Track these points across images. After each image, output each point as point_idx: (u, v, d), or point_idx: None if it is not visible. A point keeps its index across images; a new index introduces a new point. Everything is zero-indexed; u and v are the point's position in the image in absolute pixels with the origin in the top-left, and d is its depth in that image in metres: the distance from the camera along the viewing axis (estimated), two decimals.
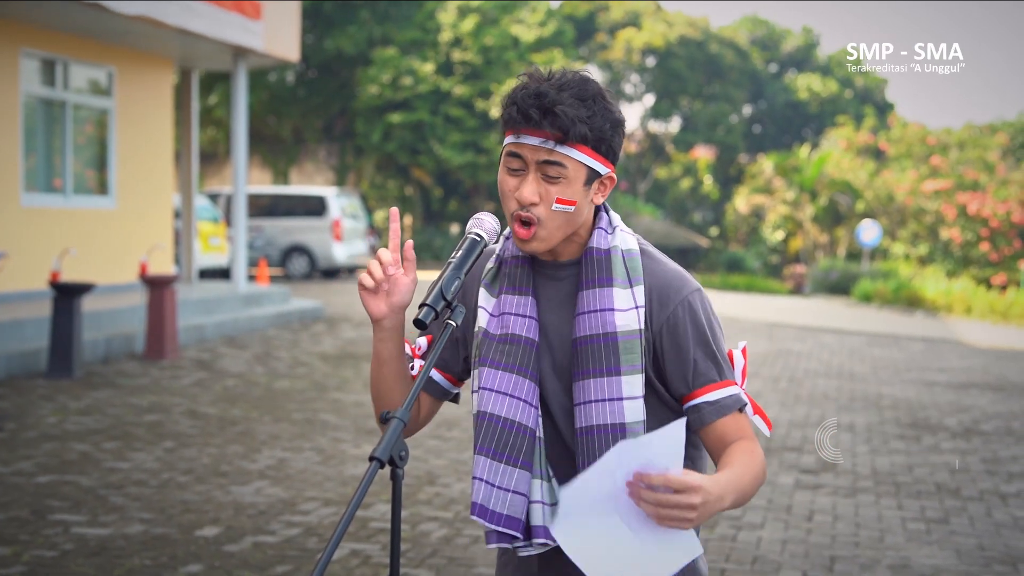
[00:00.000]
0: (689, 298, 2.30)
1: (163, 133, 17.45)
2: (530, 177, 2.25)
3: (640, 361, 2.26)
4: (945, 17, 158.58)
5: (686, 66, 37.85)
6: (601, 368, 2.25)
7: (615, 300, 2.28)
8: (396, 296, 2.26)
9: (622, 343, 2.26)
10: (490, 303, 2.35)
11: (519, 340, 2.30)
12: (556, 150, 2.22)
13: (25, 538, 5.85)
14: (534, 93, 2.21)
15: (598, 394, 2.25)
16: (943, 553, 6.09)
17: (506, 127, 2.26)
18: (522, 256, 2.35)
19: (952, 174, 30.59)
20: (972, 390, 12.24)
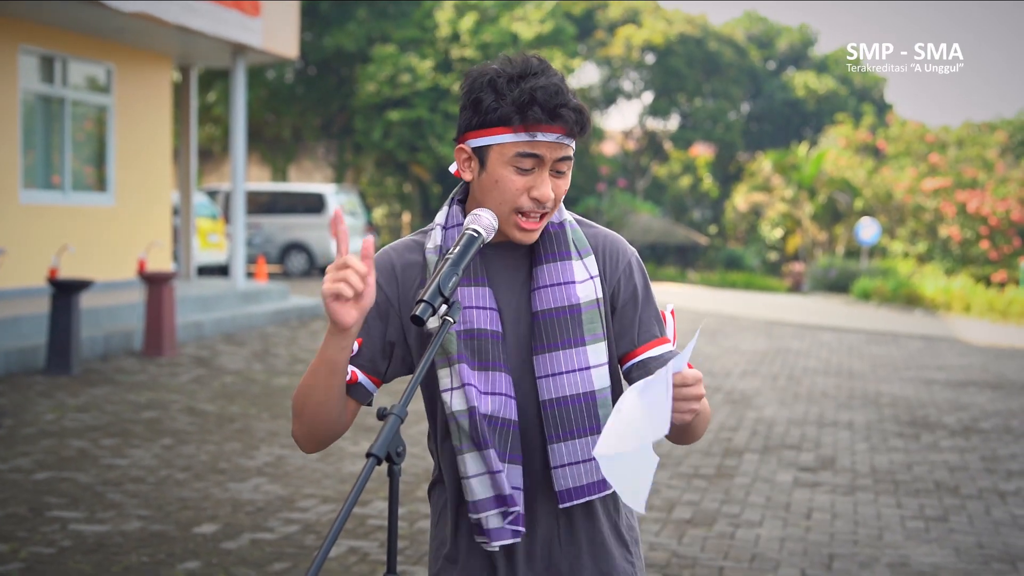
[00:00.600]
0: (632, 260, 2.40)
1: (162, 130, 17.44)
2: (545, 175, 2.25)
3: (602, 329, 2.32)
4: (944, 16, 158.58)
5: (685, 64, 37.83)
6: (568, 339, 2.29)
7: (574, 272, 2.32)
8: (365, 299, 2.14)
9: (585, 314, 2.30)
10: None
11: (486, 334, 2.28)
12: (570, 145, 2.25)
13: (23, 535, 5.84)
14: (555, 91, 2.21)
15: (566, 366, 2.29)
16: (942, 551, 6.09)
17: (515, 124, 2.21)
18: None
19: (951, 172, 30.59)
20: (971, 388, 12.23)
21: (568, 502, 2.31)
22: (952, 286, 24.48)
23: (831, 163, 32.75)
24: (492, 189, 2.26)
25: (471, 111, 2.26)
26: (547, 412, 2.29)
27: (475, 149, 2.27)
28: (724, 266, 34.23)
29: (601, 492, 2.34)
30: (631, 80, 39.46)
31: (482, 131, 2.25)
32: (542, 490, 2.35)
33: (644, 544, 6.06)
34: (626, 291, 2.38)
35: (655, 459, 2.10)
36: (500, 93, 2.22)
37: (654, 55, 38.29)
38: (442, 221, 2.36)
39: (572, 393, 2.28)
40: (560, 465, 2.30)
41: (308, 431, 2.30)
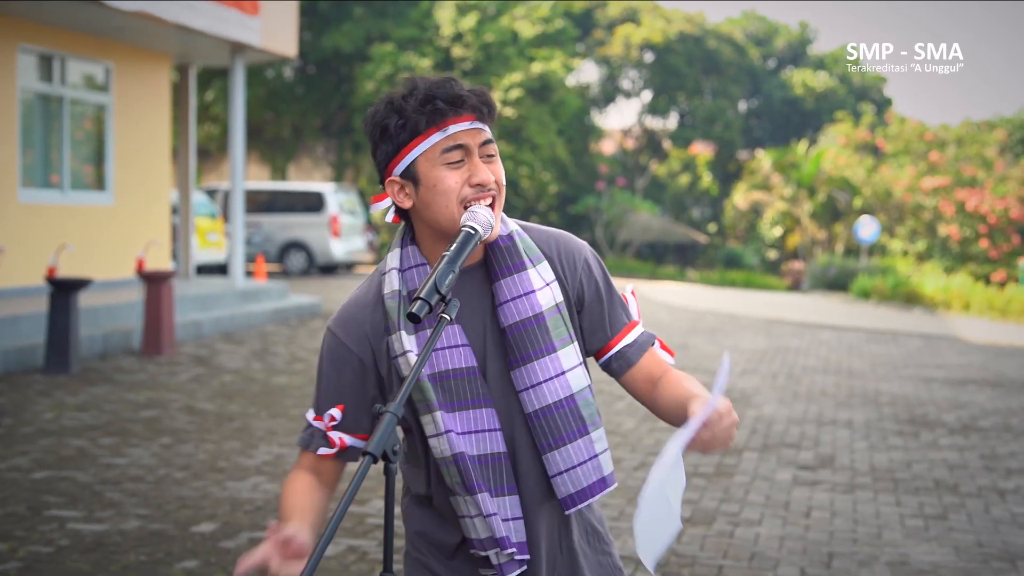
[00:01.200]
0: (588, 256, 2.43)
1: (161, 129, 17.43)
2: (477, 161, 2.28)
3: (567, 332, 2.35)
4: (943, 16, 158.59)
5: (684, 62, 37.83)
6: (540, 349, 2.31)
7: (532, 281, 2.33)
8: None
9: (549, 320, 2.32)
10: (413, 343, 2.29)
11: (461, 373, 2.29)
12: (485, 129, 2.29)
13: (21, 534, 5.83)
14: (448, 84, 2.26)
15: (543, 374, 2.31)
16: (941, 550, 6.09)
17: (426, 129, 2.24)
18: None
19: (950, 171, 30.59)
20: (970, 386, 12.23)
21: (572, 507, 2.34)
22: (951, 284, 24.49)
23: (830, 162, 32.75)
24: (434, 195, 2.26)
25: (384, 142, 2.29)
26: (534, 423, 2.31)
27: (404, 173, 2.28)
28: (723, 264, 34.23)
29: (602, 491, 2.36)
30: (630, 79, 39.45)
31: (401, 152, 2.27)
32: (543, 508, 2.37)
33: None
34: (589, 289, 2.42)
35: (678, 525, 2.16)
36: (401, 110, 2.25)
37: (653, 54, 38.29)
38: (397, 264, 2.35)
39: (555, 400, 2.31)
40: (558, 473, 2.32)
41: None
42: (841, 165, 32.70)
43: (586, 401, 2.34)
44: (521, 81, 32.80)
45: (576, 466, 2.32)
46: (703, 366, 13.04)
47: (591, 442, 2.34)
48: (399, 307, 2.30)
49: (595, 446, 2.34)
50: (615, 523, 6.39)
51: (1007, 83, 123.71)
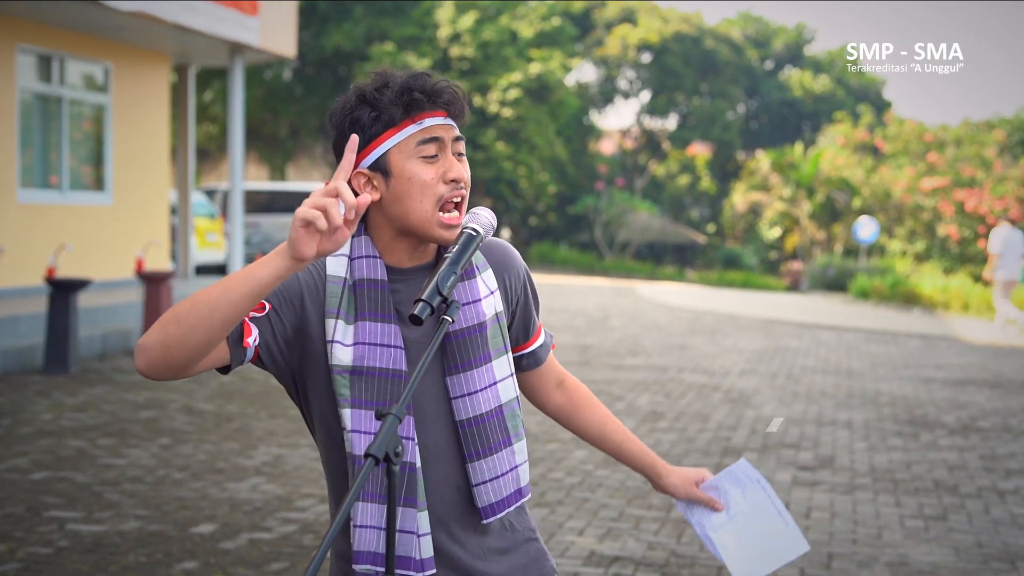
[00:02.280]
0: (524, 270, 2.47)
1: (159, 129, 17.42)
2: (451, 157, 2.26)
3: (503, 342, 2.35)
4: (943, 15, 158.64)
5: (681, 62, 37.84)
6: (479, 357, 2.30)
7: (479, 290, 2.32)
8: (328, 244, 2.01)
9: (489, 330, 2.32)
10: (347, 333, 2.23)
11: (387, 374, 2.24)
12: (455, 126, 2.28)
13: (20, 535, 5.83)
14: (424, 77, 2.26)
15: (479, 383, 2.30)
16: (941, 550, 6.08)
17: (401, 121, 2.21)
18: (379, 279, 2.25)
19: (949, 171, 30.60)
20: (969, 387, 12.23)
21: (491, 516, 2.32)
22: (950, 285, 24.48)
23: (829, 162, 32.76)
24: (408, 189, 2.22)
25: (352, 131, 2.22)
26: (464, 431, 2.29)
27: (372, 165, 2.23)
28: (722, 265, 34.24)
29: (519, 501, 2.37)
30: (628, 79, 39.46)
31: (372, 144, 2.22)
32: (460, 518, 2.33)
33: (643, 543, 6.06)
34: (523, 300, 2.46)
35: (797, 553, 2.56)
36: (375, 102, 2.22)
37: (650, 54, 38.29)
38: (346, 251, 2.27)
39: (486, 410, 2.30)
40: (481, 482, 2.30)
41: (171, 341, 2.07)
42: (840, 166, 32.71)
43: (512, 412, 2.34)
44: (519, 81, 32.80)
45: (499, 476, 2.31)
46: (702, 366, 13.04)
47: (513, 453, 2.33)
48: (342, 293, 2.23)
49: (516, 457, 2.34)
50: (615, 523, 6.39)
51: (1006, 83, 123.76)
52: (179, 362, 2.09)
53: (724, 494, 2.59)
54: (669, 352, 14.29)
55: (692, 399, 10.80)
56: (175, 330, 2.06)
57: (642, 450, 2.65)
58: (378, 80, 2.26)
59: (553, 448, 8.29)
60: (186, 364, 2.11)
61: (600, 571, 5.57)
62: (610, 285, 28.04)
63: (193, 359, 2.10)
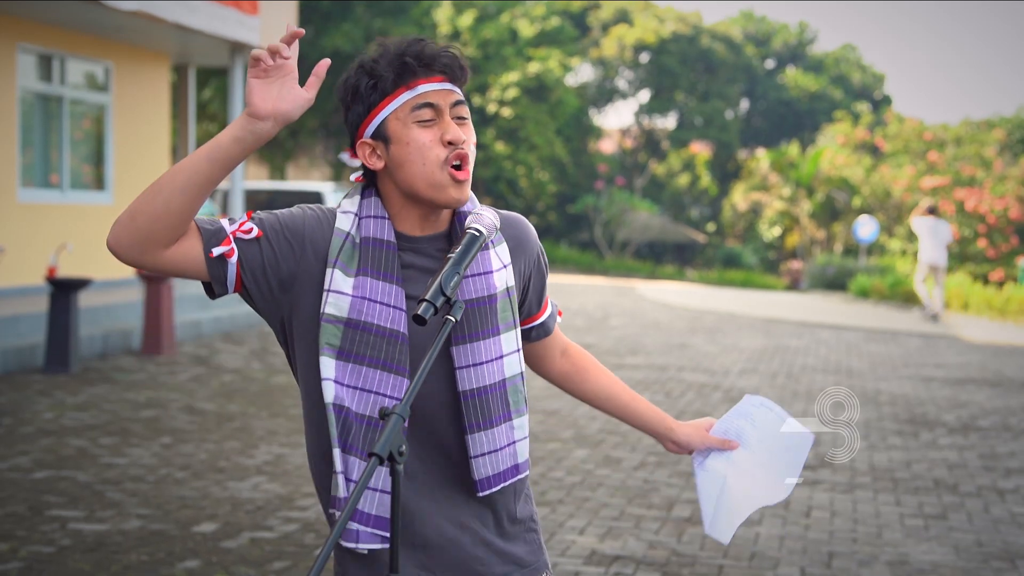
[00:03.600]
0: (539, 247, 2.49)
1: (160, 128, 17.43)
2: (448, 120, 2.27)
3: (512, 316, 2.36)
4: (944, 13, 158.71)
5: (678, 62, 37.83)
6: (487, 330, 2.31)
7: (491, 262, 2.34)
8: (285, 103, 2.12)
9: (500, 303, 2.33)
10: (345, 284, 2.23)
11: (385, 332, 2.23)
12: (456, 90, 2.29)
13: (22, 534, 5.84)
14: (421, 44, 2.26)
15: (485, 355, 2.31)
16: (941, 549, 6.09)
17: (397, 88, 2.24)
18: (385, 239, 2.27)
19: (949, 170, 30.59)
20: (969, 386, 12.24)
21: (487, 490, 2.32)
22: (950, 284, 24.47)
23: (828, 161, 32.76)
24: (407, 154, 2.24)
25: (355, 104, 2.28)
26: (467, 402, 2.29)
27: (374, 134, 2.27)
28: (722, 264, 34.22)
29: (515, 477, 2.36)
30: (626, 79, 39.45)
31: (372, 113, 2.26)
32: (438, 488, 2.33)
33: (644, 543, 6.07)
34: (536, 276, 2.48)
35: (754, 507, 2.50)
36: (372, 71, 2.25)
37: (648, 54, 38.29)
38: (354, 209, 2.29)
39: (490, 382, 2.30)
40: (479, 454, 2.30)
41: (137, 208, 2.11)
42: (840, 165, 32.70)
43: (515, 388, 2.35)
44: (518, 81, 32.79)
45: (497, 450, 2.32)
46: (703, 365, 13.05)
47: (512, 428, 2.34)
48: (342, 245, 2.24)
49: (515, 432, 2.35)
50: (615, 523, 6.40)
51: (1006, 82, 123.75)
52: (143, 233, 2.11)
53: (734, 430, 2.62)
54: (669, 351, 14.31)
55: (692, 398, 10.81)
56: (143, 198, 2.11)
57: (650, 408, 2.69)
58: (377, 50, 2.29)
59: (553, 447, 8.31)
60: (150, 237, 2.12)
61: (601, 570, 5.58)
62: (610, 284, 28.06)
63: (156, 231, 2.11)
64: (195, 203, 2.13)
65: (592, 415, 9.57)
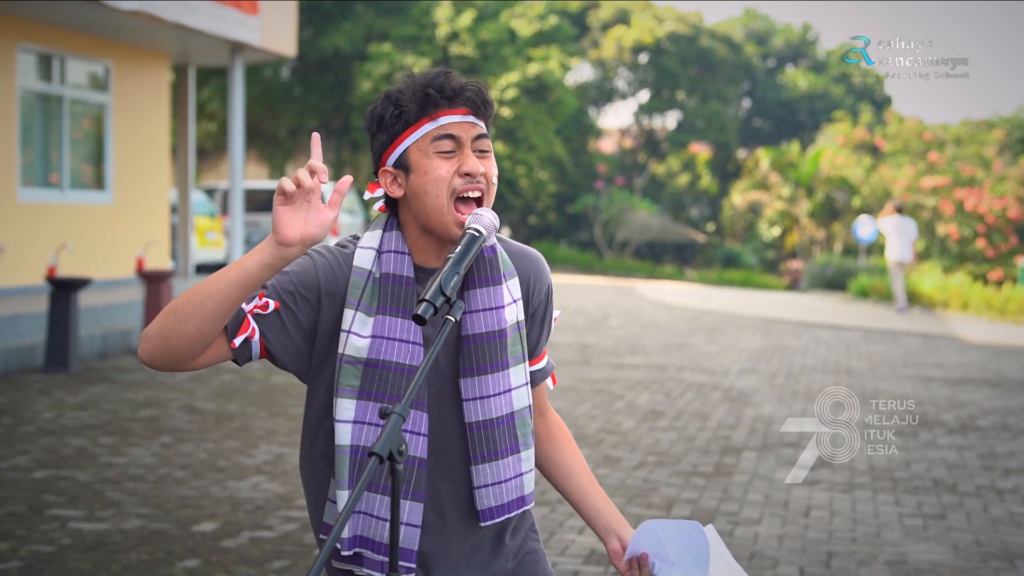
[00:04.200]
0: (550, 283, 2.48)
1: (160, 128, 17.43)
2: (468, 153, 2.29)
3: (522, 351, 2.38)
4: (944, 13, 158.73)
5: (678, 62, 37.82)
6: (496, 363, 2.32)
7: (503, 296, 2.35)
8: (311, 227, 2.12)
9: (510, 337, 2.34)
10: (365, 325, 2.26)
11: (404, 369, 2.27)
12: (480, 124, 2.31)
13: (22, 533, 5.84)
14: (446, 78, 2.29)
15: (493, 388, 2.32)
16: (940, 549, 6.10)
17: (420, 119, 2.26)
18: (404, 275, 2.30)
19: (949, 170, 30.59)
20: (969, 386, 12.24)
21: (490, 520, 2.35)
22: (950, 284, 24.48)
23: (828, 161, 32.75)
24: (424, 184, 2.27)
25: (379, 133, 2.30)
26: (473, 434, 2.31)
27: (396, 163, 2.29)
28: (722, 264, 34.22)
29: (520, 508, 2.40)
30: (625, 80, 39.45)
31: (395, 142, 2.29)
32: (450, 520, 2.36)
33: None
34: (540, 313, 2.47)
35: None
36: (397, 102, 2.28)
37: (646, 54, 38.28)
38: (375, 244, 2.32)
39: (497, 415, 2.32)
40: (483, 485, 2.33)
41: (169, 331, 2.15)
42: (839, 165, 32.70)
43: (523, 420, 2.37)
44: (518, 81, 32.79)
45: (502, 481, 2.34)
46: (702, 365, 13.06)
47: (519, 460, 2.36)
48: (364, 285, 2.27)
49: (522, 465, 2.37)
50: None
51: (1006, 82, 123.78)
52: (177, 352, 2.16)
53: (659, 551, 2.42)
54: (669, 351, 14.31)
55: (692, 398, 10.82)
56: (172, 320, 2.13)
57: (606, 502, 2.54)
58: (404, 81, 2.32)
59: None
60: (185, 354, 2.17)
61: (600, 570, 5.58)
62: (609, 284, 28.06)
63: (190, 349, 2.16)
64: (224, 321, 2.16)
65: (591, 415, 9.58)
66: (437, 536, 2.35)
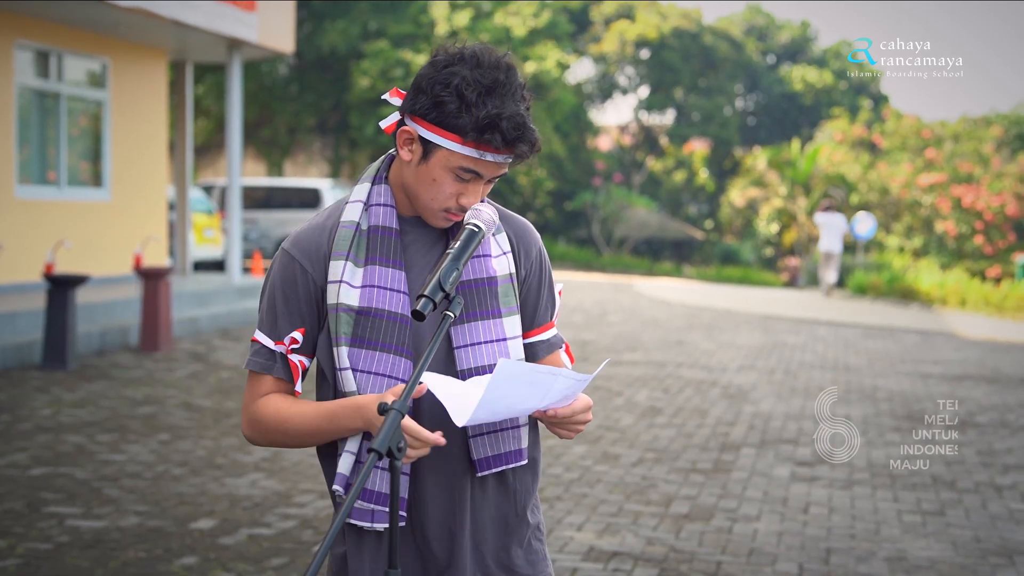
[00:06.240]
0: (541, 247, 2.50)
1: (157, 125, 17.41)
2: (480, 188, 2.32)
3: (515, 303, 2.40)
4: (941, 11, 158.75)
5: (679, 58, 37.81)
6: (486, 311, 2.35)
7: (490, 247, 2.39)
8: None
9: (500, 287, 2.37)
10: (355, 275, 2.32)
11: (394, 317, 2.31)
12: (510, 163, 2.31)
13: (20, 530, 5.84)
14: (517, 124, 2.24)
15: (484, 336, 2.35)
16: (939, 545, 6.10)
17: (469, 139, 2.24)
18: (391, 227, 2.36)
19: (947, 167, 30.59)
20: (967, 382, 12.25)
21: (486, 470, 2.35)
22: (947, 280, 24.49)
23: (826, 158, 32.74)
24: (427, 185, 2.30)
25: (430, 104, 2.27)
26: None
27: (423, 139, 2.29)
28: (720, 261, 34.21)
29: (517, 461, 2.39)
30: (626, 75, 39.43)
31: (436, 128, 2.26)
32: (443, 471, 2.36)
33: (642, 539, 6.07)
34: (533, 277, 2.47)
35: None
36: (466, 104, 2.23)
37: (648, 50, 38.27)
38: (363, 198, 2.37)
39: (491, 363, 2.34)
40: (478, 434, 2.34)
41: (271, 444, 2.44)
42: (837, 162, 32.69)
43: None
44: None
45: (498, 431, 2.35)
46: (700, 362, 13.06)
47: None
48: (352, 238, 2.33)
49: (519, 417, 2.37)
50: (613, 519, 6.40)
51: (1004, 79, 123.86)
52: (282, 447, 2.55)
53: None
54: (667, 348, 14.31)
55: (690, 395, 10.82)
56: (276, 442, 2.43)
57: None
58: (485, 79, 2.25)
59: (552, 444, 8.30)
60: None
61: (599, 566, 5.58)
62: (608, 281, 28.05)
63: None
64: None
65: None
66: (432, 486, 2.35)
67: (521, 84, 2.29)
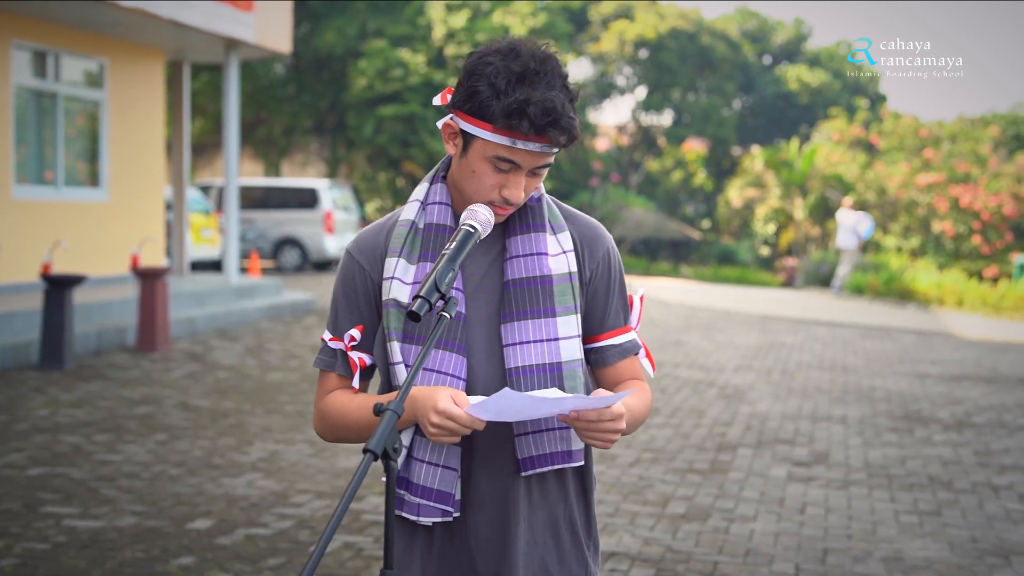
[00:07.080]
0: (611, 247, 2.46)
1: (155, 125, 17.41)
2: (522, 179, 2.30)
3: (573, 303, 2.36)
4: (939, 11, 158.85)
5: (677, 59, 37.82)
6: (538, 310, 2.33)
7: (547, 245, 2.36)
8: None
9: (556, 286, 2.34)
10: (408, 272, 2.34)
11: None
12: (553, 152, 2.29)
13: (17, 530, 5.83)
14: (546, 109, 2.21)
15: (534, 335, 2.32)
16: (936, 545, 6.10)
17: (500, 127, 2.22)
18: (446, 224, 2.37)
19: (944, 167, 30.60)
20: (964, 382, 12.25)
21: (530, 470, 2.33)
22: (945, 281, 24.51)
23: (823, 159, 32.74)
24: (469, 177, 2.31)
25: (467, 95, 2.27)
26: (512, 379, 2.31)
27: (463, 131, 2.30)
28: (717, 261, 34.21)
29: (565, 463, 2.36)
30: (624, 75, 39.44)
31: (470, 118, 2.27)
32: (491, 469, 2.35)
33: (639, 539, 6.07)
34: (602, 278, 2.43)
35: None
36: (497, 92, 2.22)
37: (647, 50, 38.27)
38: (421, 196, 2.40)
39: (539, 363, 2.32)
40: (523, 433, 2.32)
41: (338, 439, 2.47)
42: (834, 162, 32.70)
43: (573, 373, 2.34)
44: None
45: (544, 431, 2.33)
46: (698, 362, 13.06)
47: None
48: (407, 235, 2.35)
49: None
50: (610, 519, 6.40)
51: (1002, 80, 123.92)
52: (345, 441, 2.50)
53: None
54: (664, 348, 14.31)
55: (687, 395, 10.82)
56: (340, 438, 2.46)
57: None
58: (518, 66, 2.24)
59: None
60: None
61: (607, 569, 5.57)
62: None
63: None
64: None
65: None
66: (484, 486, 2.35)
67: (561, 74, 2.26)
